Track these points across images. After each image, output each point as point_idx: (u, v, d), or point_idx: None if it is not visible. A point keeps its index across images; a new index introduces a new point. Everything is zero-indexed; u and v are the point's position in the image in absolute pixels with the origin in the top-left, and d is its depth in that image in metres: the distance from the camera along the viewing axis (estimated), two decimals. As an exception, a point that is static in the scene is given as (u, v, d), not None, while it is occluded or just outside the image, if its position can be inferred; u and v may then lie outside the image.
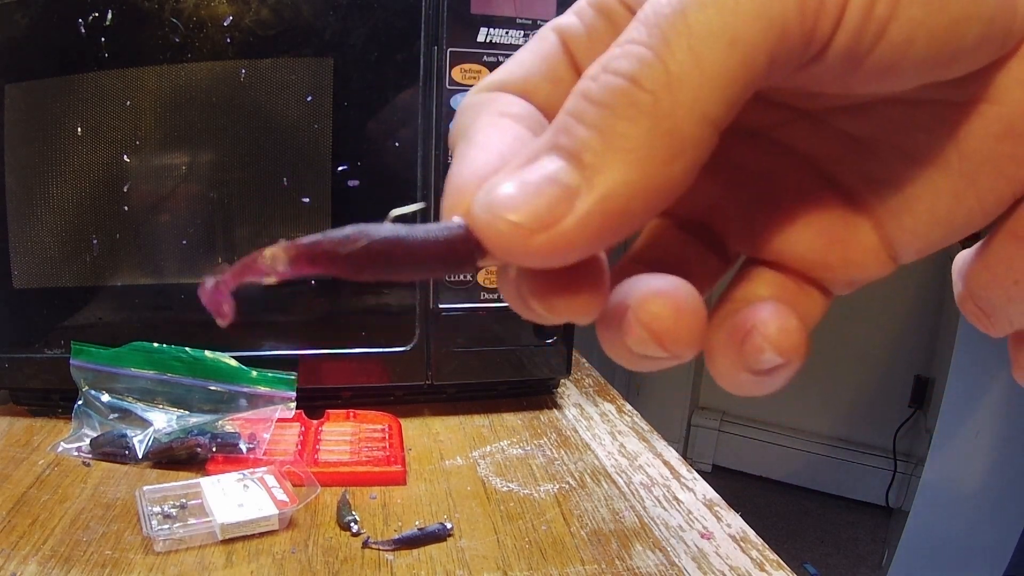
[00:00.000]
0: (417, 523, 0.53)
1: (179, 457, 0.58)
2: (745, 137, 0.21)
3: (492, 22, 0.63)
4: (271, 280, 0.17)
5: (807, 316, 0.21)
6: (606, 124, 0.15)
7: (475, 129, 0.18)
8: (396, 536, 0.51)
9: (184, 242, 0.64)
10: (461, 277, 0.67)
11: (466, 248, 0.16)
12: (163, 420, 0.62)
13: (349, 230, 0.16)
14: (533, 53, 0.20)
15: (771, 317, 0.18)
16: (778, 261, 0.21)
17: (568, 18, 0.20)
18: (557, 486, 0.59)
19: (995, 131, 0.17)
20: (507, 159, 0.17)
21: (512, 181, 0.16)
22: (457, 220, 0.16)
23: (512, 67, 0.20)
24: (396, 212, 0.17)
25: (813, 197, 0.20)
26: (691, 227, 0.22)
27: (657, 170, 0.15)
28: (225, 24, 0.60)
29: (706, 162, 0.16)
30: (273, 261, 0.16)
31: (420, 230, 0.16)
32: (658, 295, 0.17)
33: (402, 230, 0.16)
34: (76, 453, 0.59)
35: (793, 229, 0.20)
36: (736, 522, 0.56)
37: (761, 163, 0.21)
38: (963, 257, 0.20)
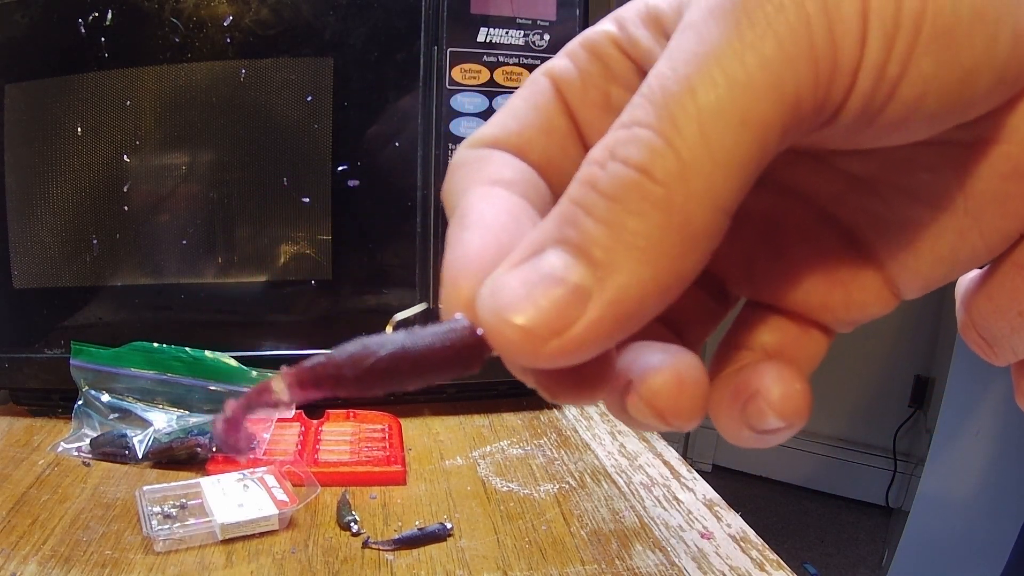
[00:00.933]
0: (417, 523, 0.53)
1: (179, 457, 0.58)
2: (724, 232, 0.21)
3: (492, 22, 0.63)
4: (282, 412, 0.16)
5: (809, 358, 0.20)
6: (617, 219, 0.14)
7: (468, 204, 0.18)
8: (396, 536, 0.50)
9: (184, 242, 0.64)
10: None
11: (473, 350, 0.15)
12: (163, 420, 0.62)
13: (352, 348, 0.16)
14: (526, 101, 0.19)
15: (774, 383, 0.18)
16: (780, 304, 0.20)
17: (560, 61, 0.19)
18: (557, 486, 0.59)
19: (1002, 170, 0.17)
20: (504, 242, 0.16)
21: (518, 279, 0.15)
22: (459, 318, 0.16)
23: (504, 119, 0.19)
24: (399, 317, 0.17)
25: (815, 238, 0.20)
26: None
27: (671, 266, 0.14)
28: (225, 24, 0.60)
29: (699, 271, 0.15)
30: (279, 392, 0.16)
31: (425, 336, 0.15)
32: (660, 371, 0.16)
33: (406, 340, 0.15)
34: (76, 453, 0.59)
35: (795, 272, 0.20)
36: (736, 522, 0.56)
37: (762, 204, 0.20)
38: (964, 283, 0.20)
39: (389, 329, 0.16)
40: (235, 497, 0.51)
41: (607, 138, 0.15)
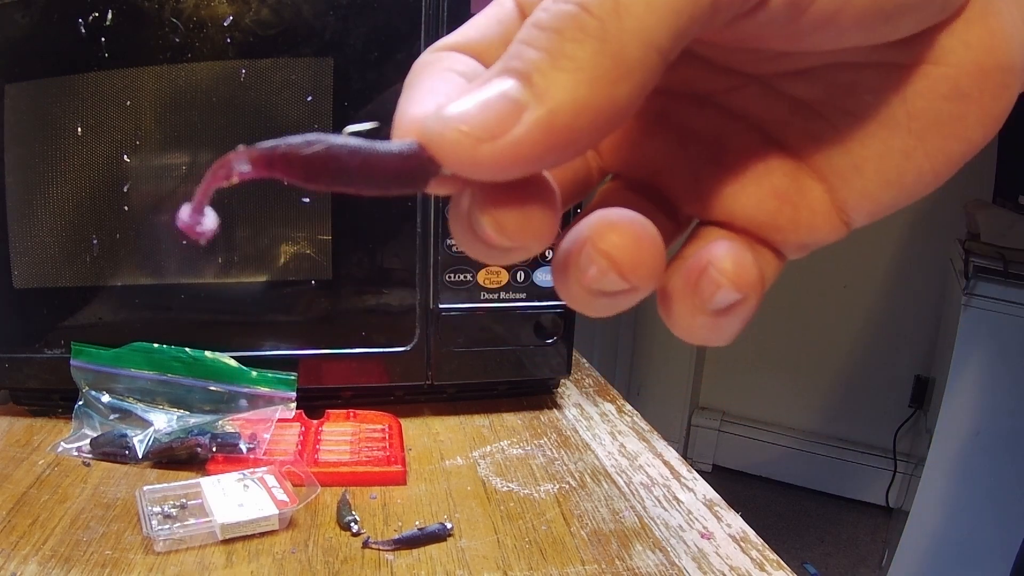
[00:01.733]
0: (417, 523, 0.53)
1: (179, 457, 0.58)
2: (695, 101, 0.22)
3: (492, 22, 0.63)
4: (231, 182, 0.17)
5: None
6: (555, 47, 0.15)
7: (423, 79, 0.19)
8: (396, 536, 0.51)
9: (184, 242, 0.64)
10: (461, 277, 0.67)
11: (419, 162, 0.16)
12: (163, 420, 0.62)
13: (309, 136, 0.16)
14: (489, 17, 0.21)
15: (726, 252, 0.18)
16: (729, 222, 0.21)
17: None
18: (557, 486, 0.59)
19: (942, 91, 0.18)
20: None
21: (467, 99, 0.16)
22: (409, 140, 0.17)
23: (467, 30, 0.21)
24: (351, 128, 0.18)
25: (762, 159, 0.21)
26: (643, 190, 0.23)
27: (603, 90, 0.15)
28: (225, 24, 0.60)
29: (657, 121, 0.16)
30: (233, 164, 0.17)
31: (375, 143, 0.16)
32: (617, 225, 0.17)
33: (360, 142, 0.16)
34: (76, 453, 0.59)
35: (742, 190, 0.21)
36: (736, 522, 0.56)
37: (711, 127, 0.22)
38: None
39: (343, 136, 0.17)
40: (235, 497, 0.51)
41: None
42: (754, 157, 0.21)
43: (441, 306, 0.67)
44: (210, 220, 0.18)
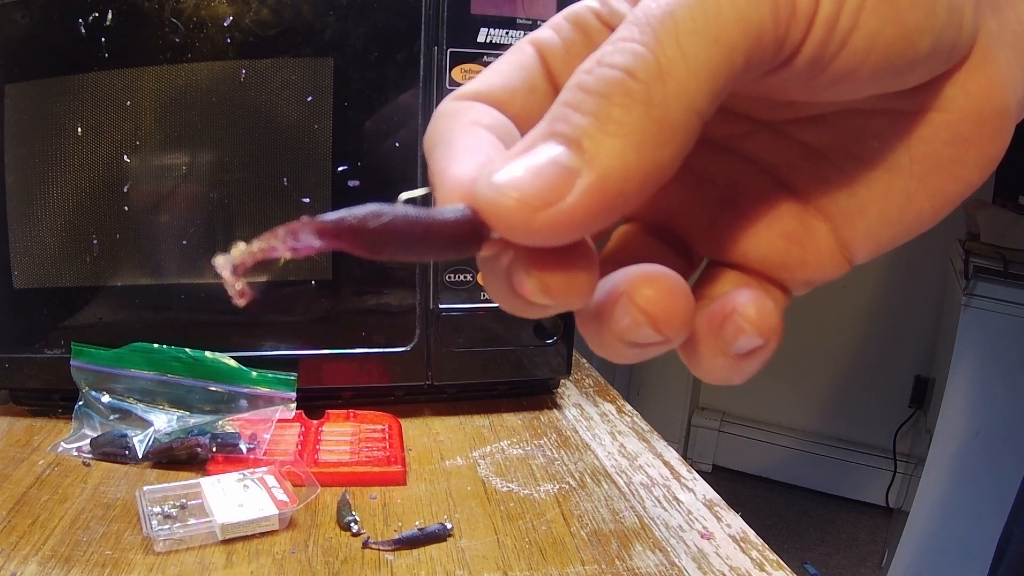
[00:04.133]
0: (417, 523, 0.53)
1: (179, 457, 0.58)
2: (710, 147, 0.23)
3: (492, 22, 0.63)
4: (288, 255, 0.17)
5: None
6: (602, 111, 0.16)
7: (453, 135, 0.19)
8: (396, 536, 0.51)
9: (184, 242, 0.64)
10: (461, 277, 0.67)
11: (472, 228, 0.17)
12: (163, 420, 0.62)
13: (372, 207, 0.17)
14: (511, 64, 0.21)
15: (749, 301, 0.19)
16: (741, 263, 0.22)
17: (545, 32, 0.21)
18: (557, 486, 0.59)
19: (943, 137, 0.19)
20: (493, 160, 0.18)
21: (516, 164, 0.16)
22: (460, 205, 0.17)
23: (490, 77, 0.21)
24: (406, 196, 0.18)
25: (773, 203, 0.22)
26: (658, 232, 0.23)
27: (650, 154, 0.16)
28: (225, 24, 0.60)
29: (677, 166, 0.16)
30: (295, 236, 0.17)
31: (432, 211, 0.17)
32: (651, 280, 0.18)
33: (419, 211, 0.17)
34: (76, 453, 0.59)
35: (755, 233, 0.22)
36: (736, 522, 0.56)
37: (724, 171, 0.22)
38: None
39: (399, 204, 0.17)
40: (235, 497, 0.51)
41: (594, 54, 0.17)
42: (765, 200, 0.22)
43: (441, 306, 0.67)
44: (246, 288, 0.18)
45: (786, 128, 0.21)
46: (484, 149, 0.19)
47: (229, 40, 0.60)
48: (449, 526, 0.52)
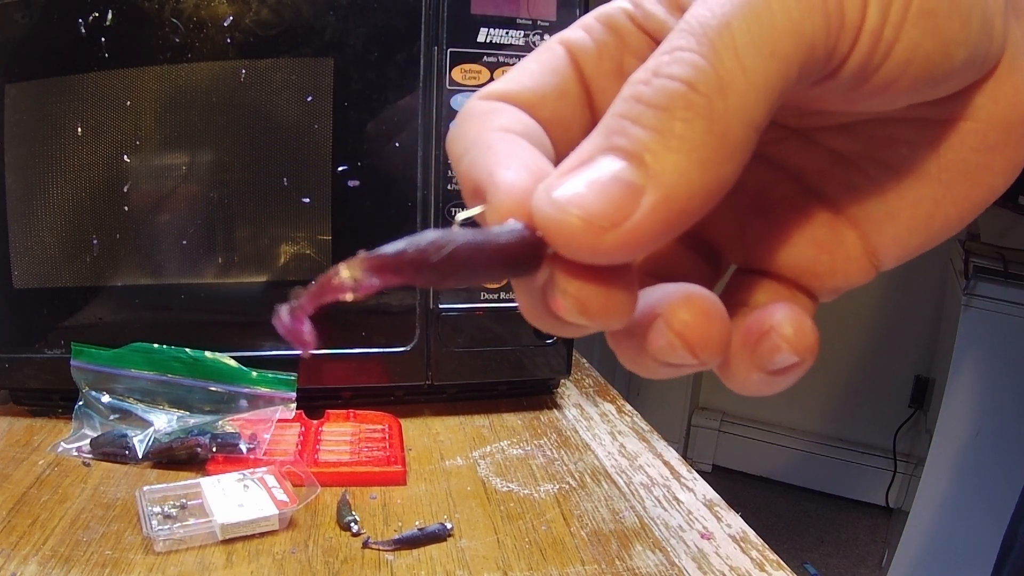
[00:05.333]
0: (417, 523, 0.53)
1: (179, 457, 0.58)
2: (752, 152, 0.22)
3: (492, 22, 0.63)
4: (351, 297, 0.16)
5: None
6: (664, 126, 0.15)
7: (489, 140, 0.19)
8: (396, 536, 0.51)
9: (184, 242, 0.64)
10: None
11: (532, 249, 0.16)
12: (163, 420, 0.62)
13: (432, 236, 0.16)
14: (541, 64, 0.20)
15: (787, 319, 0.19)
16: (770, 270, 0.22)
17: (576, 32, 0.21)
18: (557, 486, 0.59)
19: (971, 144, 0.19)
20: (540, 170, 0.17)
21: (576, 180, 0.16)
22: (513, 223, 0.16)
23: (519, 76, 0.20)
24: (462, 216, 0.18)
25: (803, 210, 0.22)
26: (687, 239, 0.23)
27: (713, 170, 0.16)
28: (225, 24, 0.60)
29: (735, 182, 0.16)
30: (354, 276, 0.16)
31: (491, 234, 0.16)
32: (688, 303, 0.17)
33: (478, 235, 0.16)
34: (76, 453, 0.59)
35: (785, 240, 0.22)
36: (736, 522, 0.56)
37: (755, 178, 0.22)
38: None
39: (455, 227, 0.16)
40: (235, 497, 0.51)
41: (648, 63, 0.16)
42: (795, 208, 0.22)
43: (441, 306, 0.67)
44: (312, 332, 0.17)
45: (816, 135, 0.21)
46: (525, 156, 0.18)
47: (229, 40, 0.60)
48: (449, 526, 0.52)
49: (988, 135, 0.19)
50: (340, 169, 0.63)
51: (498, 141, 0.19)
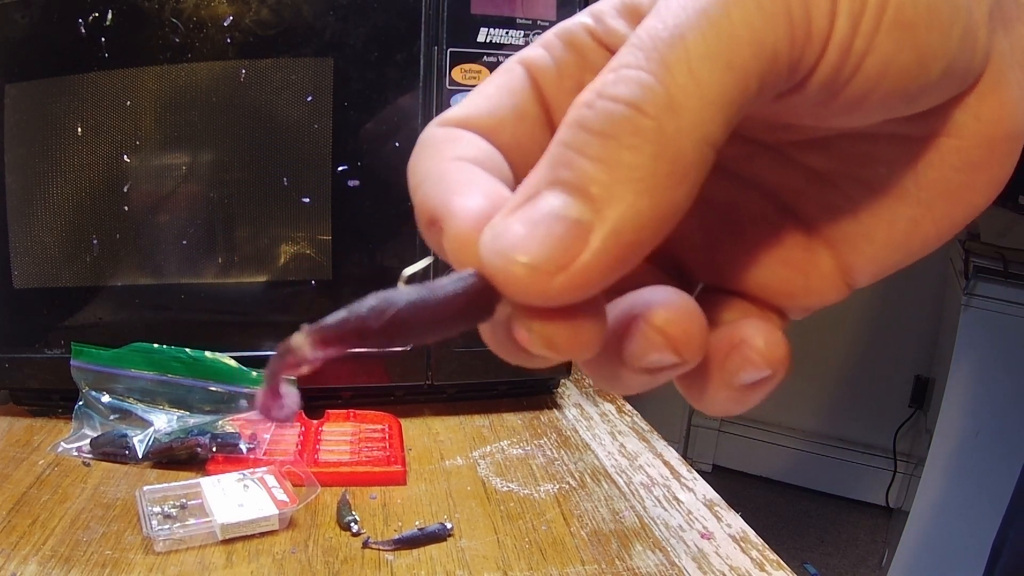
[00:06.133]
0: (417, 523, 0.53)
1: (179, 457, 0.58)
2: (711, 170, 0.22)
3: (492, 22, 0.63)
4: (306, 370, 0.16)
5: None
6: (611, 155, 0.15)
7: (442, 171, 0.18)
8: (396, 536, 0.51)
9: (184, 242, 0.64)
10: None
11: (484, 298, 0.16)
12: (163, 420, 0.62)
13: (371, 301, 0.15)
14: (499, 87, 0.20)
15: (757, 331, 0.18)
16: (741, 290, 0.21)
17: (535, 51, 0.20)
18: (557, 486, 0.59)
19: (952, 162, 0.18)
20: (495, 201, 0.17)
21: (518, 221, 0.15)
22: (467, 272, 0.16)
23: (477, 100, 0.20)
24: (408, 272, 0.17)
25: (775, 228, 0.21)
26: (655, 258, 0.22)
27: (664, 197, 0.15)
28: (225, 24, 0.60)
29: (691, 202, 0.16)
30: (301, 351, 0.16)
31: (437, 288, 0.16)
32: (667, 303, 0.17)
33: (422, 291, 0.15)
34: (76, 453, 0.59)
35: (756, 259, 0.21)
36: (736, 522, 0.56)
37: (725, 195, 0.21)
38: None
39: (401, 284, 0.16)
40: (235, 497, 0.51)
41: (594, 83, 0.15)
42: (767, 226, 0.21)
43: (441, 306, 0.67)
44: (292, 398, 0.17)
45: (790, 152, 0.20)
46: (482, 183, 0.17)
47: (229, 40, 0.60)
48: (449, 526, 0.52)
49: (971, 153, 0.18)
50: (340, 169, 0.63)
51: (453, 171, 0.18)
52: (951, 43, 0.16)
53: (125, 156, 0.61)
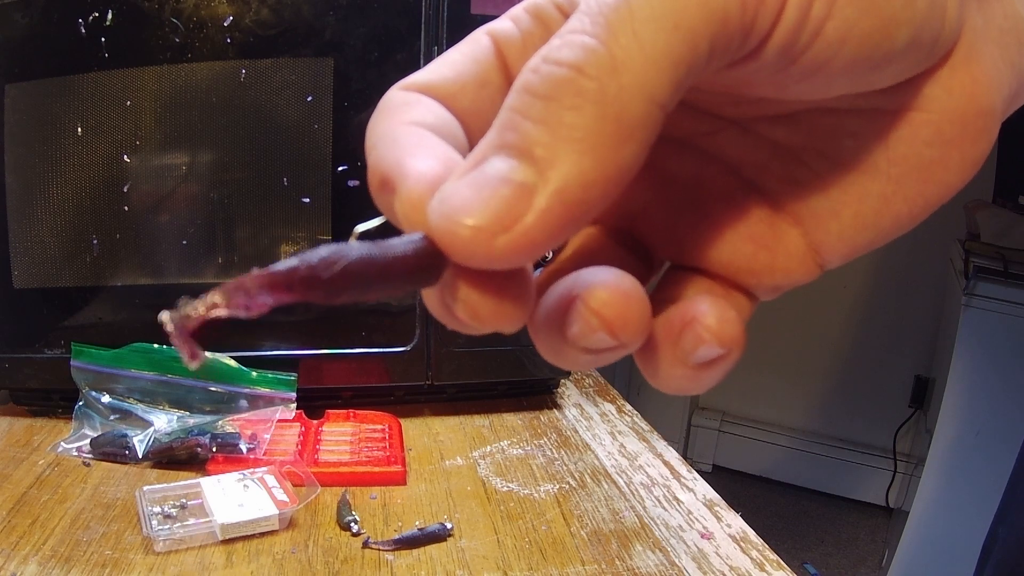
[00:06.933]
0: (417, 523, 0.53)
1: (179, 457, 0.58)
2: (673, 145, 0.21)
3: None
4: (244, 314, 0.15)
5: None
6: (553, 116, 0.15)
7: (398, 133, 0.18)
8: (396, 536, 0.51)
9: (184, 242, 0.64)
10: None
11: (432, 260, 0.16)
12: (164, 420, 0.62)
13: (324, 251, 0.15)
14: (464, 55, 0.20)
15: (710, 309, 0.18)
16: (704, 267, 0.21)
17: (503, 23, 0.20)
18: (557, 486, 0.59)
19: (924, 137, 0.18)
20: (447, 160, 0.17)
21: (465, 185, 0.15)
22: (416, 235, 0.16)
23: (440, 67, 0.20)
24: (361, 228, 0.17)
25: (740, 204, 0.20)
26: (617, 235, 0.22)
27: (609, 156, 0.15)
28: (225, 24, 0.60)
29: (640, 163, 0.15)
30: (246, 292, 0.15)
31: (388, 247, 0.16)
32: (605, 284, 0.17)
33: (374, 249, 0.16)
34: (76, 453, 0.59)
35: (720, 235, 0.20)
36: (736, 522, 0.56)
37: (689, 171, 0.21)
38: None
39: (353, 240, 0.16)
40: (235, 497, 0.51)
41: (542, 49, 0.15)
42: (732, 202, 0.21)
43: (441, 306, 0.67)
44: (197, 348, 0.16)
45: (755, 126, 0.20)
46: (435, 147, 0.18)
47: (229, 40, 0.60)
48: (449, 526, 0.52)
49: (943, 128, 0.17)
50: (340, 169, 0.63)
51: (407, 135, 0.18)
52: (916, 11, 0.16)
53: (125, 156, 0.61)
